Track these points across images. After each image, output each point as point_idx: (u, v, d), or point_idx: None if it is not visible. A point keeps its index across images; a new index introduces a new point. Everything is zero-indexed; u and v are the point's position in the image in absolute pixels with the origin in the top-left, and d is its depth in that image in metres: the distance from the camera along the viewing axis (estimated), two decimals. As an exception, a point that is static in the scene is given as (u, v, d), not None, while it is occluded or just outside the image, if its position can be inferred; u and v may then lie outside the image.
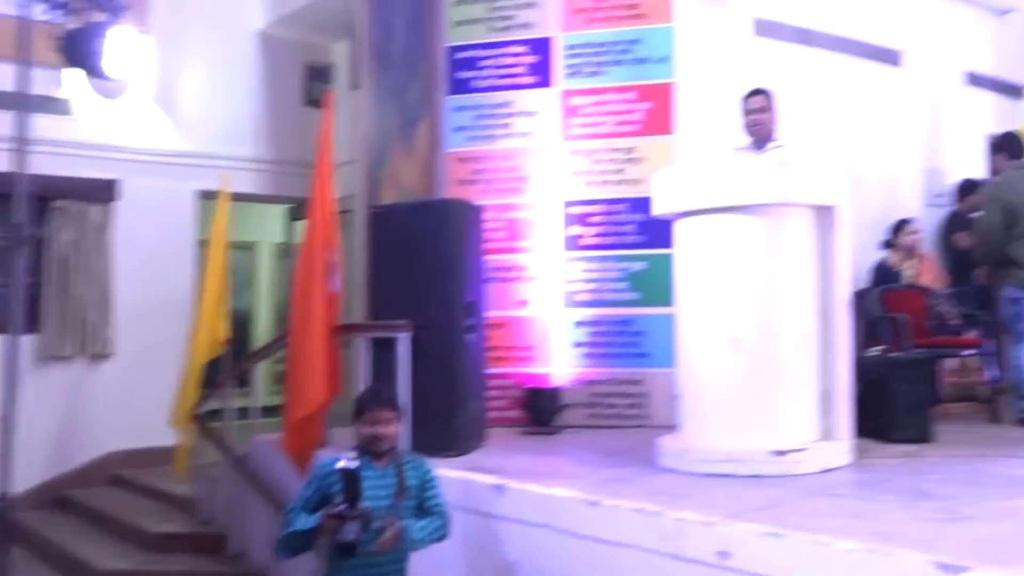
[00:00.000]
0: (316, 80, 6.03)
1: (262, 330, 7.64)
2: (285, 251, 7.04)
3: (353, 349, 3.60)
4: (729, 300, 3.01)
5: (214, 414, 4.44)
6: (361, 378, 3.44)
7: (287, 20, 5.80)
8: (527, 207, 4.45)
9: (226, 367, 4.37)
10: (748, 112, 3.73)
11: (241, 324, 6.41)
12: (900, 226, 5.29)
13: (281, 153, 6.04)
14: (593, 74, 4.42)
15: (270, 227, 7.25)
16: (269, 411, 4.52)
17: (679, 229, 3.28)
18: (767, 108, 3.68)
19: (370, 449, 2.41)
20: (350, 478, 2.22)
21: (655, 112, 4.34)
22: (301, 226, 4.04)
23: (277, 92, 6.01)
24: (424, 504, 2.43)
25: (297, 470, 3.27)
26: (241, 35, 5.94)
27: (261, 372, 4.48)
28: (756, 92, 3.72)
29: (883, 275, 5.20)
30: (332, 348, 3.37)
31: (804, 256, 3.06)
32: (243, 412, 4.29)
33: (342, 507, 2.23)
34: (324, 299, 3.37)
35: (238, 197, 4.73)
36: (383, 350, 3.44)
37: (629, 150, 4.35)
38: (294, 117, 6.05)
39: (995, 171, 4.44)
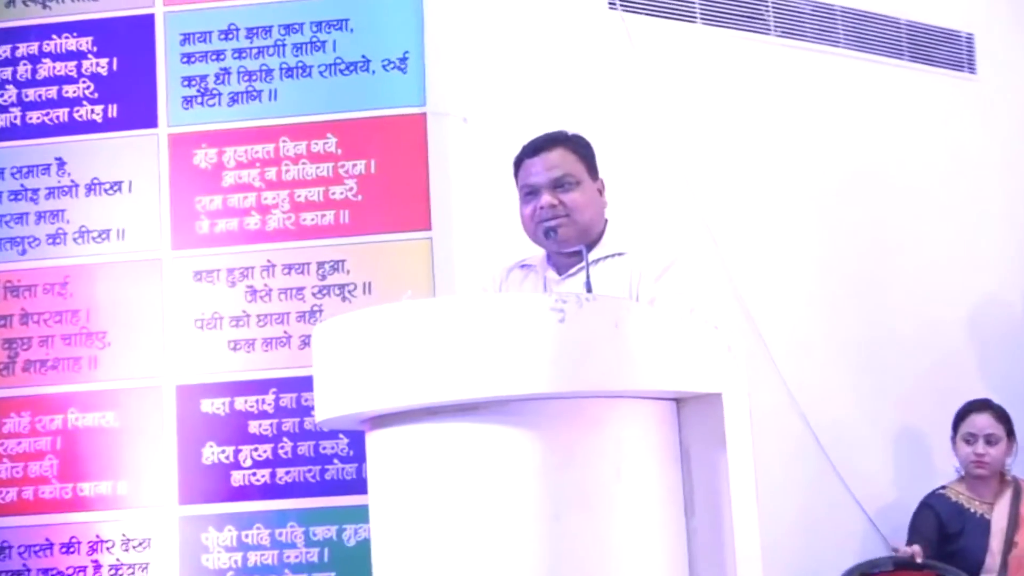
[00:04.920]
0: None
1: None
2: None
3: None
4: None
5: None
6: None
7: None
8: (98, 404, 4.60)
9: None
10: (529, 190, 3.76)
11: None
12: (966, 413, 5.53)
13: None
14: (243, 98, 4.66)
15: None
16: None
17: (372, 452, 3.32)
18: (573, 180, 3.71)
19: None
20: None
21: (387, 181, 4.59)
22: None
23: None
24: None
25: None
26: None
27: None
28: (545, 144, 3.76)
29: (935, 521, 5.45)
30: None
31: (649, 504, 3.15)
32: None
33: None
34: None
35: None
36: None
37: (332, 266, 4.58)
38: None
39: None
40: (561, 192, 3.69)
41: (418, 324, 3.11)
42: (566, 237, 3.66)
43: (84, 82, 4.69)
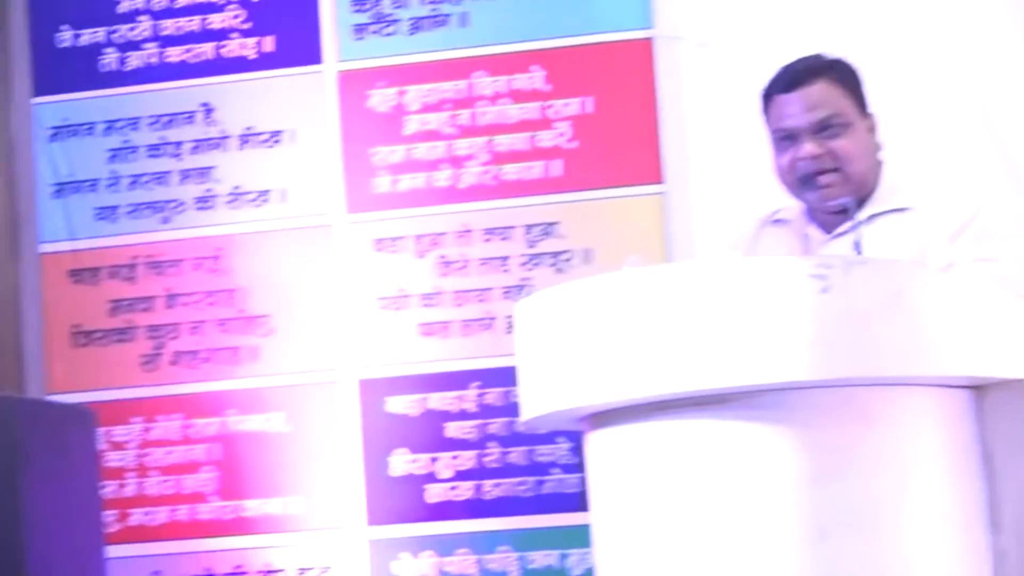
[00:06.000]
0: None
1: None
2: None
3: None
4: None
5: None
6: None
7: None
8: (263, 404, 4.66)
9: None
10: (784, 134, 3.75)
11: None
12: None
13: None
14: (426, 24, 4.69)
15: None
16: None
17: (593, 457, 3.31)
18: (841, 121, 3.69)
19: None
20: None
21: (607, 123, 4.56)
22: None
23: None
24: None
25: None
26: None
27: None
28: (802, 76, 3.74)
29: None
30: None
31: (943, 521, 3.11)
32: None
33: None
34: None
35: None
36: None
37: (542, 230, 4.56)
38: None
39: None
40: (826, 138, 3.68)
41: (646, 297, 3.11)
42: (835, 194, 3.64)
43: (233, 9, 4.73)
